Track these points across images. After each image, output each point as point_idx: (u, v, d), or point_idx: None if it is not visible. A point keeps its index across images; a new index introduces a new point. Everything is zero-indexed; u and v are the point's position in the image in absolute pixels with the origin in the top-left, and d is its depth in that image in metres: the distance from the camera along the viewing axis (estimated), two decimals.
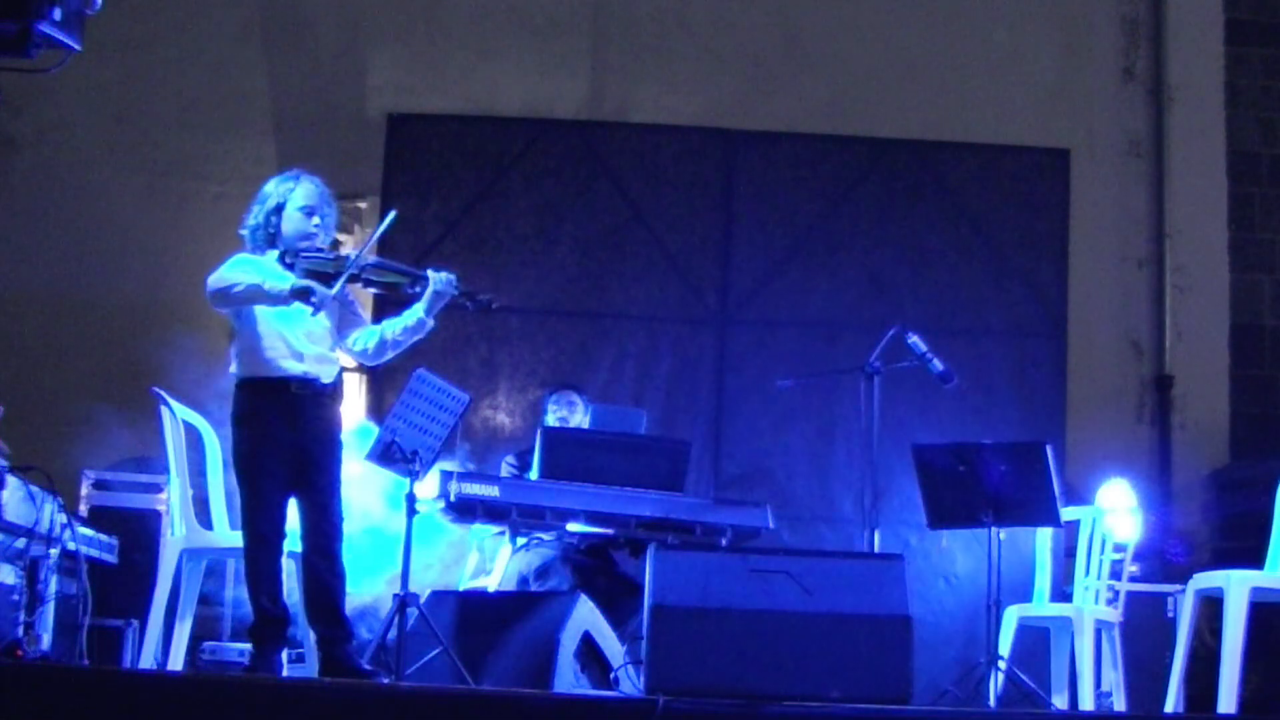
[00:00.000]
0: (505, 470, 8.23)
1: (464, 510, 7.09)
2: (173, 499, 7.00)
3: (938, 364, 7.46)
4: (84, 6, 5.43)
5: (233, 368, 6.42)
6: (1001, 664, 7.17)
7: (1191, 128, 10.78)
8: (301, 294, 6.14)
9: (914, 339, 7.49)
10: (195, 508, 6.99)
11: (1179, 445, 10.39)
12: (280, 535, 6.33)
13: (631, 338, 10.04)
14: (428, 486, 6.81)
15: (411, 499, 6.39)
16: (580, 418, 8.28)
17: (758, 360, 9.99)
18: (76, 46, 5.46)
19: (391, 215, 6.54)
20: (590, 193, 10.25)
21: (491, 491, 7.09)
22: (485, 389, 9.84)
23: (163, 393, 7.04)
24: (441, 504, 7.03)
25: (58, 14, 5.32)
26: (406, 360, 6.96)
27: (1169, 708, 7.04)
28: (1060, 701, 7.64)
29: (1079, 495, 8.82)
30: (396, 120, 10.25)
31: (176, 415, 6.98)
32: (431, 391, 6.63)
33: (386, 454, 6.47)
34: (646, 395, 9.70)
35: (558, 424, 8.23)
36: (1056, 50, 10.85)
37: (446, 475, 7.02)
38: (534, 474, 7.37)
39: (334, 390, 6.50)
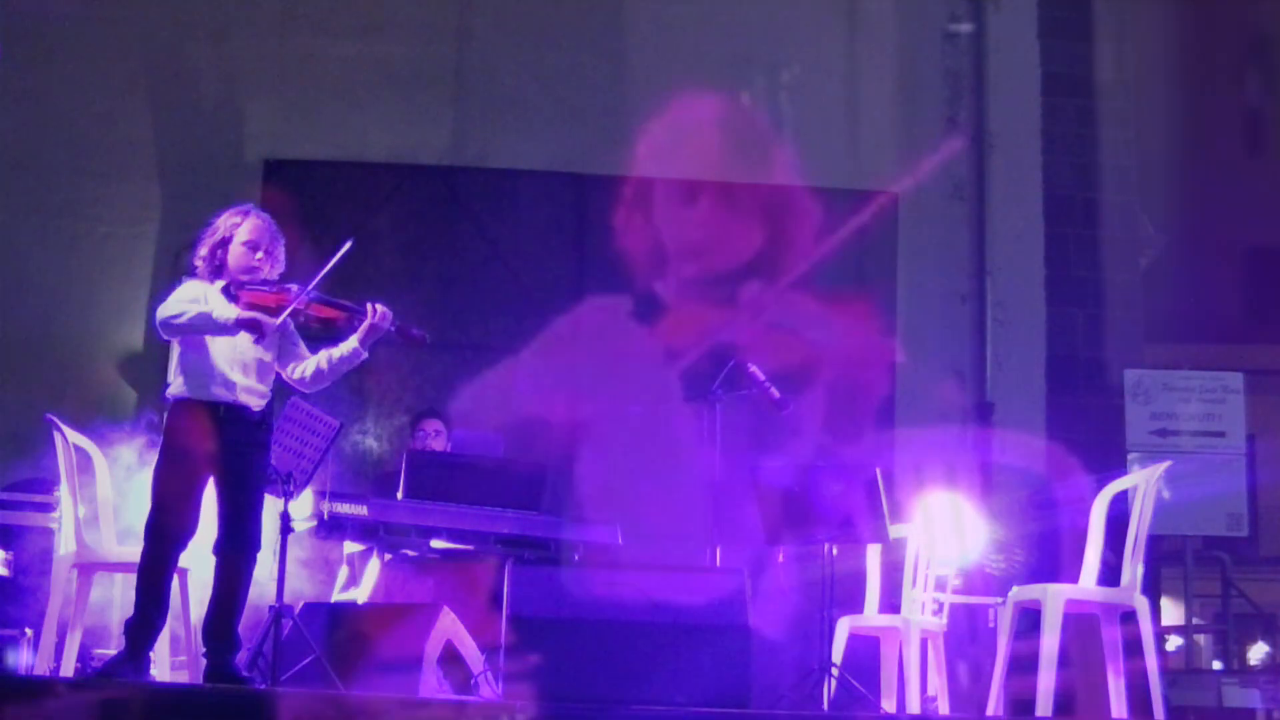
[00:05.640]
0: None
1: (335, 528, 7.22)
2: (65, 517, 7.03)
3: (774, 392, 7.70)
4: None
5: (170, 388, 6.41)
6: (834, 670, 7.24)
7: (1010, 173, 11.14)
8: (249, 325, 6.22)
9: (753, 369, 7.72)
10: (85, 525, 7.00)
11: (999, 468, 10.60)
12: (180, 548, 6.33)
13: (490, 368, 10.18)
14: (302, 506, 6.93)
15: (286, 517, 6.47)
16: (444, 442, 8.43)
17: (609, 388, 10.16)
18: None
19: (347, 245, 6.49)
20: (452, 233, 10.54)
21: (360, 510, 7.21)
22: (355, 415, 9.96)
23: (55, 419, 7.10)
24: (314, 522, 7.11)
25: None
26: (281, 390, 7.08)
27: (990, 711, 7.24)
28: (889, 705, 7.67)
29: (906, 515, 9.03)
30: (272, 165, 10.49)
31: (68, 440, 7.02)
32: (304, 418, 6.81)
33: None
34: (504, 421, 9.67)
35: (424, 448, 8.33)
36: (886, 102, 11.16)
37: (319, 495, 7.13)
38: (400, 494, 7.46)
39: (261, 419, 6.44)
